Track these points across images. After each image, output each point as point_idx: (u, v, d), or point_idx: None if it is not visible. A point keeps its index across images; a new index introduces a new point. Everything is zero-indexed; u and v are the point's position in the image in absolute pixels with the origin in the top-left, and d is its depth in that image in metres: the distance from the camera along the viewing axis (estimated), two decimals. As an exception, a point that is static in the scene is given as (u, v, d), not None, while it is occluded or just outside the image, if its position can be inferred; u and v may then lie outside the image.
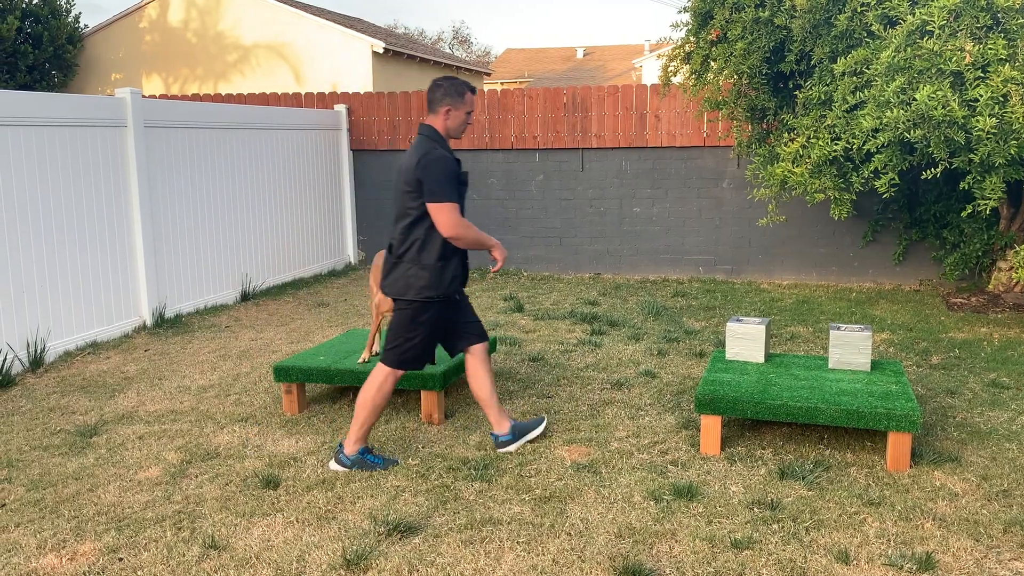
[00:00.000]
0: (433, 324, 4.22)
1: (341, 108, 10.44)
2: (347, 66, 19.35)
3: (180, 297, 7.78)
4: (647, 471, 4.18)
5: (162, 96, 13.94)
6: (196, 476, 4.22)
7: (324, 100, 10.71)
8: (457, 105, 4.19)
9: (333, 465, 4.24)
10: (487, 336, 4.49)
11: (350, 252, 10.65)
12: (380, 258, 5.25)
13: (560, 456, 4.39)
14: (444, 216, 3.99)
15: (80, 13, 20.12)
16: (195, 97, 11.97)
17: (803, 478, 4.04)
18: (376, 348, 5.27)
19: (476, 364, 4.41)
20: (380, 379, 4.22)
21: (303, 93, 10.90)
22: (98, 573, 3.30)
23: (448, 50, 50.49)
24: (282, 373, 5.05)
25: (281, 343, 6.83)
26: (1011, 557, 3.34)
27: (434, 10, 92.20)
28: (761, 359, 4.94)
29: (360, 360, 5.11)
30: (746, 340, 4.97)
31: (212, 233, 8.24)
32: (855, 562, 3.30)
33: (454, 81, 4.22)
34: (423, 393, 4.87)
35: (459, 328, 4.39)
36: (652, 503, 3.82)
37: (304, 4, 21.59)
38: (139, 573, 3.30)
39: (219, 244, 8.33)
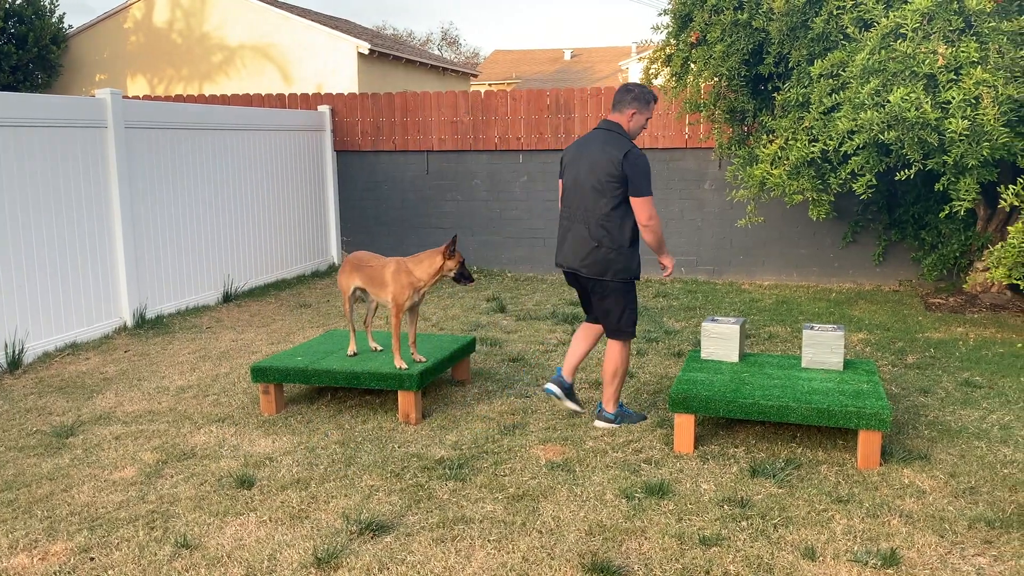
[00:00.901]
0: (633, 293, 4.77)
1: (325, 109, 10.44)
2: (333, 67, 19.34)
3: (161, 298, 7.77)
4: (620, 469, 4.21)
5: (146, 97, 13.91)
6: (171, 476, 4.22)
7: (308, 101, 10.71)
8: (642, 110, 4.64)
9: (599, 423, 4.80)
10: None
11: (333, 253, 10.65)
12: (356, 258, 5.28)
13: (535, 455, 4.42)
14: (647, 208, 4.52)
15: (64, 13, 20.04)
16: (179, 98, 11.95)
17: (774, 476, 4.08)
18: (376, 345, 5.32)
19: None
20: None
21: (287, 94, 10.91)
22: (69, 573, 3.31)
23: (437, 51, 50.49)
24: (260, 374, 5.06)
25: (261, 344, 6.84)
26: (974, 553, 3.39)
27: (424, 12, 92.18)
28: (735, 359, 4.99)
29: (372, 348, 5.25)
30: (721, 340, 5.01)
31: (194, 234, 8.23)
32: (821, 558, 3.35)
33: (644, 89, 4.66)
34: (400, 393, 4.89)
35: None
36: (624, 501, 3.85)
37: (290, 5, 21.56)
38: (110, 572, 3.31)
39: (201, 245, 8.33)
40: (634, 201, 4.52)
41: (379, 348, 5.35)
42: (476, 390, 5.54)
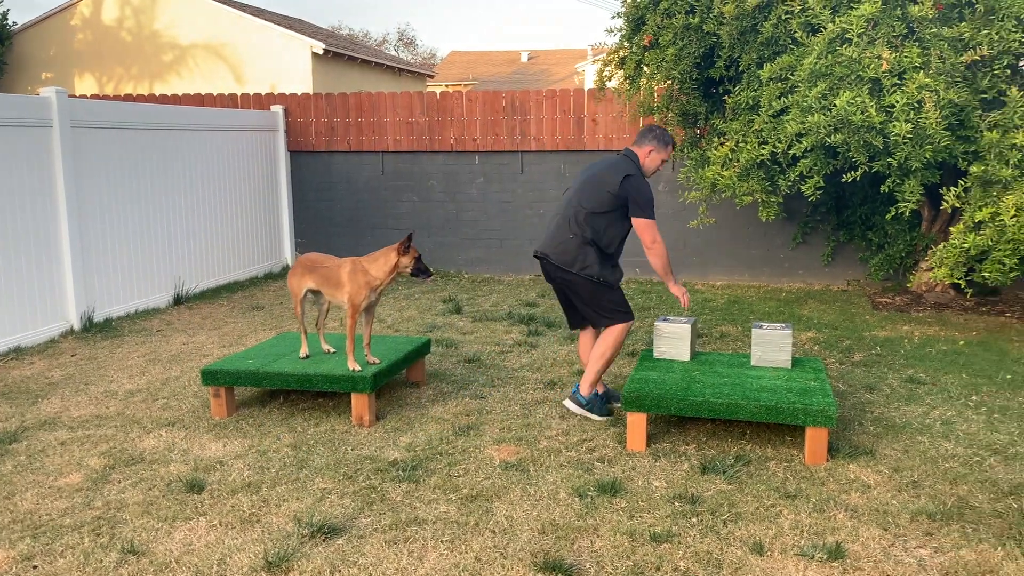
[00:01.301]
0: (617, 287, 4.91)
1: (278, 109, 10.34)
2: (287, 67, 19.15)
3: (110, 301, 7.62)
4: (574, 468, 4.24)
5: (95, 96, 13.63)
6: (119, 481, 4.15)
7: (261, 101, 10.60)
8: (659, 150, 4.82)
9: (568, 403, 4.93)
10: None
11: (287, 254, 10.55)
12: (308, 259, 5.23)
13: (489, 455, 4.43)
14: (651, 231, 4.70)
15: (8, 10, 19.56)
16: (128, 97, 11.74)
17: (724, 472, 4.14)
18: (328, 347, 5.29)
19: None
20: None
21: (239, 94, 10.77)
22: (11, 581, 3.24)
23: (393, 52, 50.27)
24: (210, 377, 4.99)
25: (213, 347, 6.75)
26: (916, 545, 3.48)
27: (380, 12, 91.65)
28: (687, 358, 5.05)
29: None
30: (673, 339, 5.07)
31: (144, 236, 8.09)
32: (769, 553, 3.41)
33: (665, 132, 4.86)
34: (353, 395, 4.86)
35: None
36: (577, 499, 3.88)
37: (243, 4, 21.30)
38: (54, 580, 3.24)
39: (151, 247, 8.19)
40: (636, 223, 4.70)
41: (332, 350, 5.32)
42: (431, 391, 5.53)
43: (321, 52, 19.23)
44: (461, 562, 3.34)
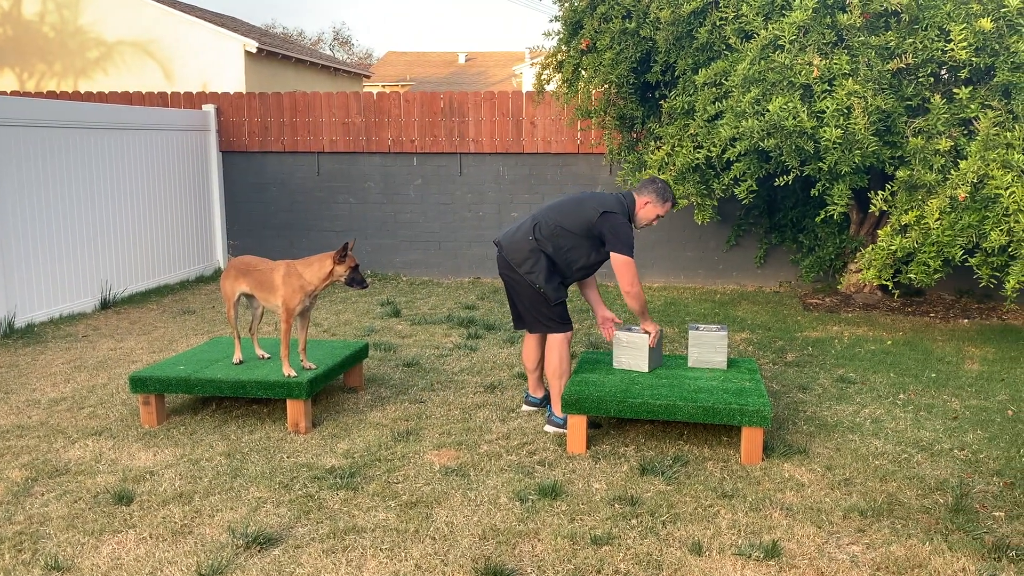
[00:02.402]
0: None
1: (210, 108, 10.10)
2: (219, 65, 18.73)
3: (32, 306, 7.33)
4: (515, 472, 4.22)
5: (15, 93, 13.12)
6: (42, 494, 3.98)
7: (192, 100, 10.33)
8: (656, 204, 4.75)
9: (548, 428, 4.79)
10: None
11: (219, 257, 10.30)
12: (241, 262, 5.11)
13: (429, 461, 4.38)
14: (629, 273, 4.58)
15: (-78, 2, 18.72)
16: (51, 95, 11.32)
17: (662, 473, 4.18)
18: (263, 352, 5.16)
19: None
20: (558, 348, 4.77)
21: (169, 93, 10.48)
22: (-76, 603, 3.08)
23: (328, 51, 49.64)
24: (139, 384, 4.83)
25: (142, 353, 6.54)
26: (849, 541, 3.56)
27: (315, 11, 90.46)
28: (646, 369, 4.87)
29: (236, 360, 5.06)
30: (632, 350, 4.89)
31: (68, 238, 7.81)
32: (707, 553, 3.44)
33: (667, 188, 4.79)
34: (289, 402, 4.76)
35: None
36: (518, 504, 3.87)
37: (172, 0, 20.77)
38: (-29, 600, 3.09)
39: (76, 249, 7.91)
40: (614, 259, 4.59)
41: (266, 356, 5.20)
42: (369, 397, 5.46)
43: (255, 51, 18.87)
44: (401, 570, 3.29)
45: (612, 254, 4.60)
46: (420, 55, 45.86)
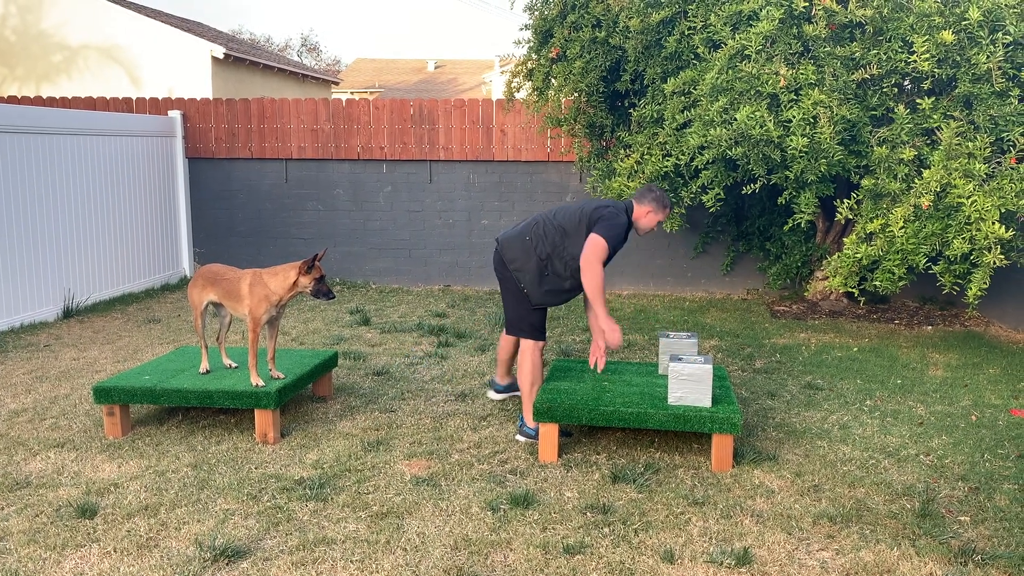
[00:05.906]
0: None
1: (176, 114, 9.97)
2: (185, 71, 18.51)
3: (-9, 315, 7.18)
4: (486, 481, 4.20)
5: (-26, 97, 12.85)
6: (2, 508, 3.89)
7: (158, 106, 10.20)
8: (657, 212, 4.79)
9: (520, 437, 4.78)
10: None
11: (185, 265, 10.17)
12: (209, 271, 5.04)
13: (400, 471, 4.35)
14: (595, 248, 4.47)
15: None
16: (12, 99, 11.11)
17: (634, 481, 4.18)
18: (230, 362, 5.10)
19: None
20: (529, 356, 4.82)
21: (135, 98, 10.34)
22: None
23: (297, 58, 49.34)
24: (103, 394, 4.74)
25: (106, 362, 6.42)
26: (819, 548, 3.58)
27: (283, 17, 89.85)
28: (708, 404, 4.42)
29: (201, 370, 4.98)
30: (692, 383, 4.43)
31: (29, 246, 7.65)
32: (679, 560, 3.45)
33: (665, 195, 4.85)
34: (257, 412, 4.70)
35: None
36: (489, 513, 3.85)
37: (138, 5, 20.52)
38: (-72, 619, 3.00)
39: (38, 257, 7.75)
40: (590, 237, 4.51)
41: (234, 365, 5.13)
42: (338, 406, 5.41)
43: (221, 56, 18.68)
44: (372, 582, 3.25)
45: (591, 234, 4.51)
46: (389, 62, 45.74)
